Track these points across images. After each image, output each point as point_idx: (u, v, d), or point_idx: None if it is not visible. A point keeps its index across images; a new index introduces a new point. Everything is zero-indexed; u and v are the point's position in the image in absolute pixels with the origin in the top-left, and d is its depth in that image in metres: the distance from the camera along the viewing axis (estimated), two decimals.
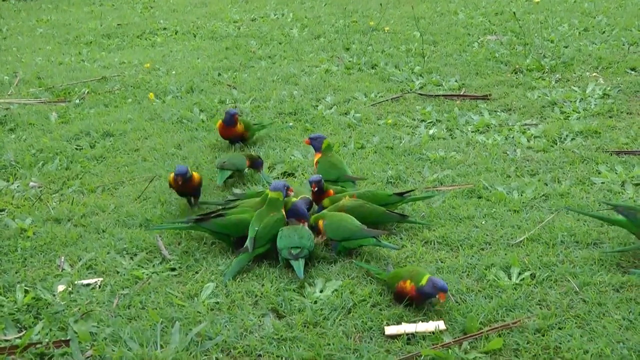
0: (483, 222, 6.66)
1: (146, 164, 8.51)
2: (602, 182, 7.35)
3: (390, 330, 5.12)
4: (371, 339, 5.11)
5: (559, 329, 5.07)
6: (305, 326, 5.26)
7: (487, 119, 9.26)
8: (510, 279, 5.69)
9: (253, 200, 6.75)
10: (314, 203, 6.91)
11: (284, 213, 6.38)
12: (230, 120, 8.67)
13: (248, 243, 6.11)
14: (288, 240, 6.07)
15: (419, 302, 5.36)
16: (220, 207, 6.94)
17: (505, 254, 6.04)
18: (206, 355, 5.00)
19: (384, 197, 6.80)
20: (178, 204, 7.29)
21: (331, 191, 6.88)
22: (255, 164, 7.93)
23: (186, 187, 7.12)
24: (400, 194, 6.90)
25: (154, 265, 6.21)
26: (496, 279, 5.69)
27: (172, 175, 7.15)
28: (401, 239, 6.44)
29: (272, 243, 6.16)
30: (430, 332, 5.06)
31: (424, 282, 5.25)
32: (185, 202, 7.26)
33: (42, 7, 20.81)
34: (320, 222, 6.29)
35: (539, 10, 15.23)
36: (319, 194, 6.83)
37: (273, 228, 6.21)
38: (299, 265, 5.91)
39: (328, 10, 17.18)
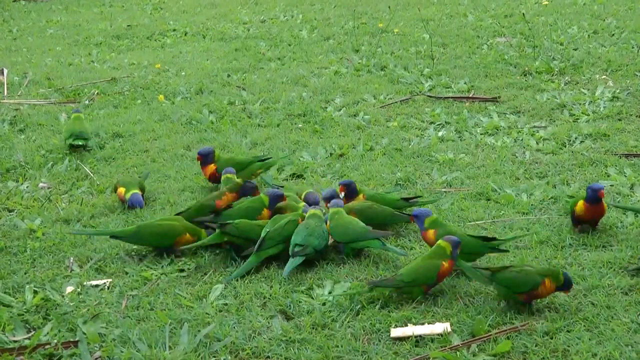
0: (492, 225, 6.65)
1: (155, 165, 8.52)
2: (611, 185, 7.33)
3: (395, 332, 5.12)
4: (379, 341, 5.11)
5: (568, 331, 5.06)
6: (313, 328, 5.27)
7: (496, 121, 9.25)
8: None
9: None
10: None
11: (300, 214, 6.41)
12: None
13: (256, 245, 6.13)
14: (296, 236, 6.11)
15: None
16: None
17: (514, 257, 6.04)
18: (214, 356, 5.01)
19: (392, 201, 6.80)
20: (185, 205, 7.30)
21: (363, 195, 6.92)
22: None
23: None
24: (407, 199, 6.92)
25: (162, 267, 6.23)
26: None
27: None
28: (410, 240, 6.45)
29: (285, 244, 6.18)
30: (437, 335, 5.06)
31: None
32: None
33: (52, 8, 20.86)
34: (327, 225, 6.30)
35: (548, 13, 15.20)
36: (349, 197, 6.86)
37: (285, 229, 6.22)
38: (292, 262, 5.97)
39: (337, 12, 17.18)
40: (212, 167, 7.62)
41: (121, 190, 7.35)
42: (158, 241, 6.42)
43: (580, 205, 6.34)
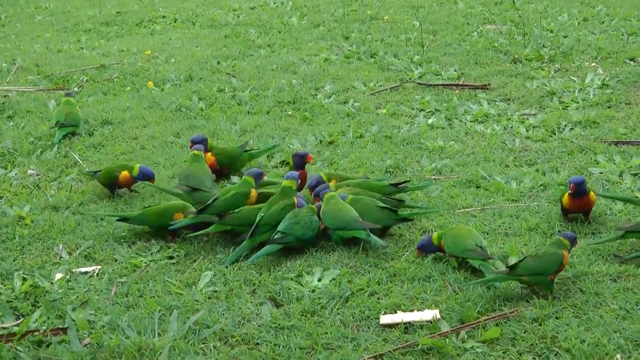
0: (481, 212, 6.66)
1: (145, 152, 8.50)
2: (600, 172, 7.35)
3: (384, 319, 5.13)
4: (368, 327, 5.12)
5: (556, 318, 5.07)
6: (303, 315, 5.27)
7: (486, 109, 9.26)
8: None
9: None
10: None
11: (295, 200, 6.38)
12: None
13: (251, 230, 6.14)
14: (282, 223, 6.11)
15: None
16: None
17: (504, 244, 6.05)
18: (204, 343, 5.01)
19: (380, 188, 6.78)
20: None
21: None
22: None
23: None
24: (396, 185, 6.90)
25: (152, 254, 6.22)
26: (494, 268, 5.70)
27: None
28: (399, 227, 6.44)
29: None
30: (427, 321, 5.07)
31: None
32: None
33: None
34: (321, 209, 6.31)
35: (539, 0, 15.20)
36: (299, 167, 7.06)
37: (279, 214, 6.21)
38: (266, 249, 6.00)
39: None
40: (208, 157, 7.56)
41: (125, 173, 7.28)
42: (160, 221, 6.47)
43: (566, 197, 6.35)
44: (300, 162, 7.08)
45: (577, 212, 6.41)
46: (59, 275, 5.88)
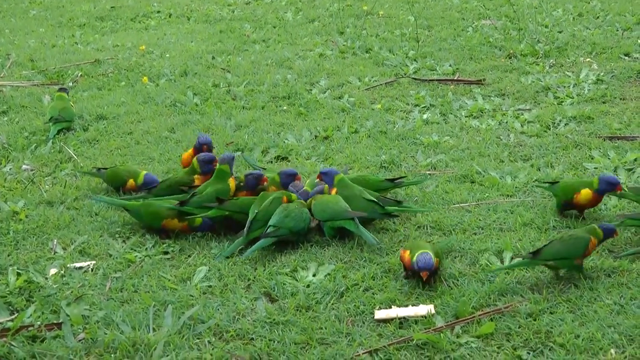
0: (476, 207, 6.66)
1: (139, 147, 8.49)
2: (594, 168, 7.36)
3: (379, 314, 5.14)
4: (363, 323, 5.12)
5: (551, 313, 5.08)
6: (297, 310, 5.27)
7: (481, 104, 9.26)
8: (503, 264, 5.70)
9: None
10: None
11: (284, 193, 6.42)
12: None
13: (246, 227, 6.14)
14: (273, 217, 6.10)
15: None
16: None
17: (498, 239, 6.05)
18: (198, 338, 5.00)
19: (376, 183, 6.78)
20: None
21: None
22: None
23: None
24: (392, 180, 6.90)
25: (146, 249, 6.21)
26: (488, 263, 5.71)
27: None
28: (394, 223, 6.44)
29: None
30: (421, 316, 5.08)
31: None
32: None
33: None
34: (311, 202, 6.32)
35: None
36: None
37: (269, 210, 6.21)
38: (260, 243, 5.98)
39: None
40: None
41: (132, 182, 7.25)
42: (150, 221, 6.46)
43: (587, 194, 6.23)
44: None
45: (583, 209, 6.39)
46: (53, 271, 5.86)
